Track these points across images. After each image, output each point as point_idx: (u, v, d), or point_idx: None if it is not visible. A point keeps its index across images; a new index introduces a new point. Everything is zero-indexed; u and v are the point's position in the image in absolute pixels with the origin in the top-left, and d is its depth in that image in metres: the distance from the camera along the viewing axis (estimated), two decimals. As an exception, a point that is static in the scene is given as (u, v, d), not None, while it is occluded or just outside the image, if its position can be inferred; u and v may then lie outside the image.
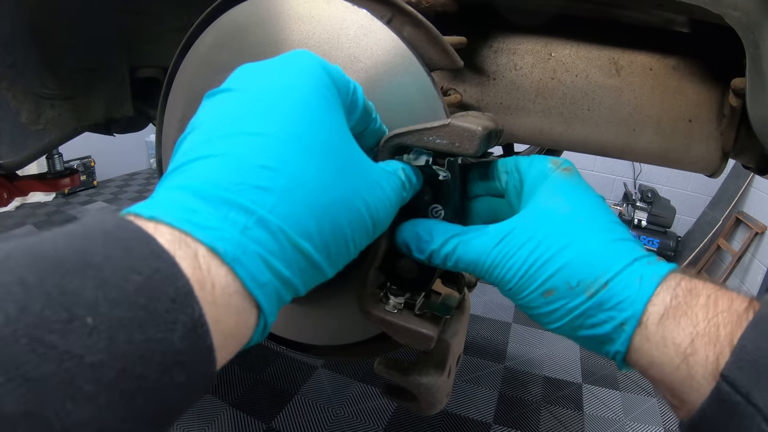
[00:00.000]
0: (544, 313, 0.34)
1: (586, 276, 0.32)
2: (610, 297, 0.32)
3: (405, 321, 0.40)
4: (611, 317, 0.32)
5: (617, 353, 0.33)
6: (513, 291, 0.35)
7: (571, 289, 0.33)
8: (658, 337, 0.31)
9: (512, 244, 0.35)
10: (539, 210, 0.36)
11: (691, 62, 0.69)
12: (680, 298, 0.31)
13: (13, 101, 0.96)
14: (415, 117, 0.45)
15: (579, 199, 0.36)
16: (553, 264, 0.33)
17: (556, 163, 0.39)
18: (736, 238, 2.97)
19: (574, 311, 0.33)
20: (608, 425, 1.72)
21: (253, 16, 0.52)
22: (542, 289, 0.33)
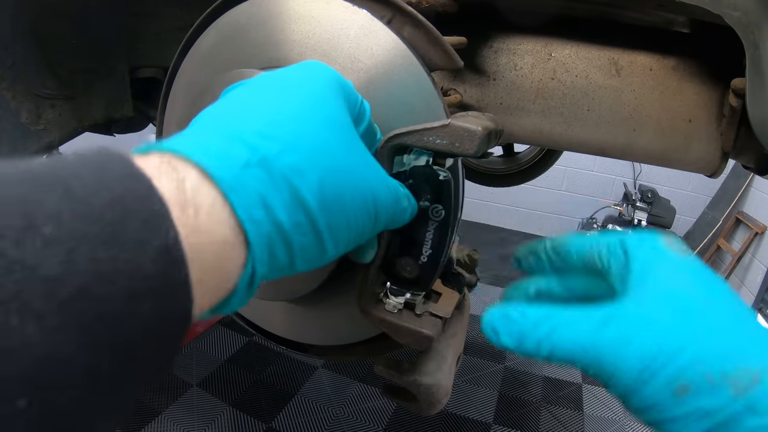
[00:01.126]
0: (673, 418, 0.26)
1: (731, 366, 0.25)
2: (761, 395, 0.25)
3: (405, 321, 0.40)
4: (763, 423, 0.24)
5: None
6: (631, 389, 0.27)
7: (713, 384, 0.25)
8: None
9: (626, 328, 0.28)
10: (658, 292, 0.29)
11: (691, 62, 0.69)
12: None
13: (13, 101, 0.96)
14: (415, 117, 0.45)
15: (707, 284, 0.30)
16: (684, 353, 0.26)
17: (670, 242, 0.33)
18: (736, 238, 2.97)
19: (719, 413, 0.25)
20: (608, 425, 1.72)
21: (253, 16, 0.52)
22: (673, 385, 0.26)
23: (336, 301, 0.54)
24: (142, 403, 1.66)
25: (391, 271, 0.41)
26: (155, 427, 1.57)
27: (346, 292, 0.52)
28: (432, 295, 0.45)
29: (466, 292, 0.48)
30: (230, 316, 0.67)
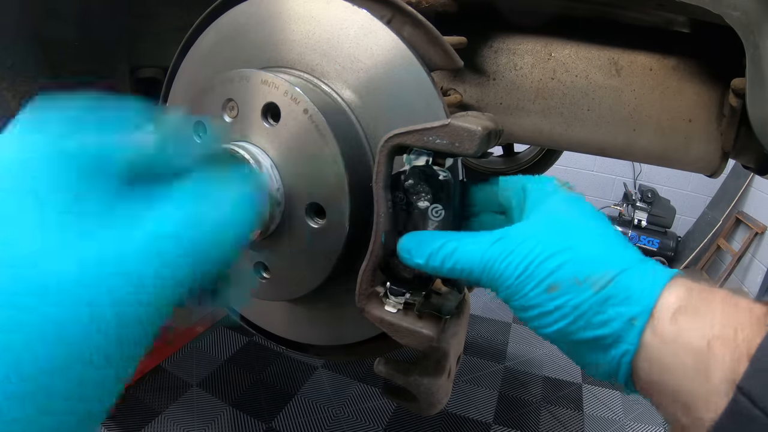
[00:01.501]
0: (545, 312, 0.31)
1: (595, 271, 0.31)
2: (619, 291, 0.30)
3: (405, 321, 0.40)
4: (620, 313, 0.29)
5: (625, 354, 0.30)
6: (511, 290, 0.33)
7: (579, 284, 0.30)
8: (671, 335, 0.28)
9: (511, 241, 0.33)
10: (544, 216, 0.35)
11: (691, 62, 0.69)
12: (695, 294, 0.29)
13: (13, 101, 0.96)
14: (415, 117, 0.45)
15: (585, 210, 0.35)
16: (557, 258, 0.31)
17: (561, 182, 0.39)
18: (736, 238, 2.97)
19: (581, 307, 0.30)
20: (608, 425, 1.72)
21: (253, 16, 0.52)
22: (545, 283, 0.31)
23: (336, 301, 0.54)
24: (142, 403, 1.66)
25: (390, 271, 0.41)
26: (155, 427, 1.57)
27: (346, 292, 0.52)
28: (432, 295, 0.45)
29: (466, 292, 0.48)
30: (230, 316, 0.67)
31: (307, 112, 0.43)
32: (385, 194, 0.39)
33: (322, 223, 0.46)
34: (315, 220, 0.46)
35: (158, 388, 1.75)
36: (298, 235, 0.47)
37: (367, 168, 0.46)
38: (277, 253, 0.50)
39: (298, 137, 0.44)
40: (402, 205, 0.39)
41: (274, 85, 0.45)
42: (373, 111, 0.47)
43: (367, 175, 0.45)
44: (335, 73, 0.48)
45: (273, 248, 0.49)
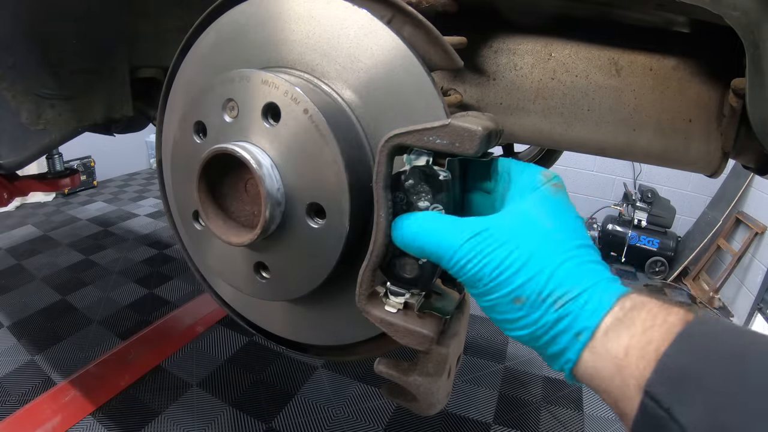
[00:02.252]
0: (509, 320, 0.35)
1: (557, 288, 0.33)
2: (572, 309, 0.33)
3: (405, 321, 0.40)
4: (569, 327, 0.33)
5: (567, 362, 0.34)
6: (480, 292, 0.35)
7: (542, 300, 0.33)
8: (601, 348, 0.32)
9: (488, 242, 0.35)
10: (522, 217, 0.36)
11: (691, 62, 0.69)
12: (626, 310, 0.32)
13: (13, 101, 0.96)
14: (415, 117, 0.45)
15: (562, 217, 0.37)
16: (527, 271, 0.34)
17: (547, 176, 0.39)
18: (736, 238, 2.97)
19: (540, 321, 0.34)
20: (608, 425, 1.72)
21: (253, 16, 0.52)
22: (513, 295, 0.34)
23: (336, 301, 0.54)
24: (142, 403, 1.66)
25: (391, 271, 0.41)
26: (155, 427, 1.57)
27: (346, 292, 0.52)
28: (432, 295, 0.45)
29: (466, 291, 0.48)
30: (230, 316, 0.67)
31: (307, 112, 0.43)
32: (386, 194, 0.39)
33: (322, 223, 0.46)
34: (315, 220, 0.46)
35: (158, 388, 1.74)
36: (298, 235, 0.47)
37: (367, 168, 0.46)
38: (277, 253, 0.50)
39: (298, 137, 0.44)
40: (402, 205, 0.39)
41: (274, 85, 0.44)
42: (374, 111, 0.47)
43: (367, 175, 0.45)
44: (335, 73, 0.48)
45: (273, 248, 0.49)
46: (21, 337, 1.98)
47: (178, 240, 0.69)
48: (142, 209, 3.62)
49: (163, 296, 2.35)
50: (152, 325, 2.09)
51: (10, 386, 1.70)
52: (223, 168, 0.49)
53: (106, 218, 3.40)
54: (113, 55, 1.11)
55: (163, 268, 2.65)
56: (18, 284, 2.39)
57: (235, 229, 0.50)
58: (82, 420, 1.57)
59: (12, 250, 2.79)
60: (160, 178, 0.68)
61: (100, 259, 2.71)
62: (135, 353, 1.90)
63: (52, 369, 1.80)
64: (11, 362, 1.82)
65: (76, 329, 2.05)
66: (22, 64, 0.95)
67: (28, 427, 1.52)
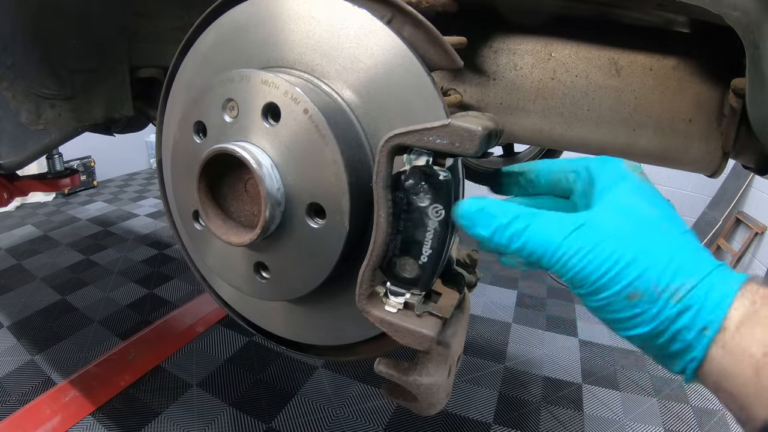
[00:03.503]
0: (624, 318, 0.32)
1: (674, 280, 0.31)
2: (694, 302, 0.31)
3: (405, 321, 0.40)
4: (694, 323, 0.31)
5: (692, 360, 0.31)
6: (590, 290, 0.32)
7: (659, 294, 0.31)
8: (733, 345, 0.30)
9: (591, 236, 0.32)
10: (619, 207, 0.34)
11: (691, 62, 0.69)
12: (758, 304, 0.30)
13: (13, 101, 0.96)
14: (415, 117, 0.45)
15: (660, 204, 0.35)
16: (638, 265, 0.31)
17: (631, 166, 0.37)
18: (736, 238, 2.97)
19: (659, 317, 0.31)
20: (608, 425, 1.72)
21: (253, 16, 0.52)
22: (627, 291, 0.31)
23: (336, 301, 0.54)
24: (142, 403, 1.66)
25: (391, 271, 0.41)
26: (155, 427, 1.57)
27: (346, 292, 0.52)
28: (432, 295, 0.45)
29: (466, 292, 0.48)
30: (230, 316, 0.67)
31: (307, 112, 0.43)
32: (386, 194, 0.38)
33: (322, 223, 0.46)
34: (315, 220, 0.46)
35: (158, 388, 1.75)
36: (298, 235, 0.47)
37: (367, 168, 0.46)
38: (277, 253, 0.50)
39: (298, 137, 0.44)
40: (402, 205, 0.39)
41: (274, 85, 0.44)
42: (374, 111, 0.47)
43: (367, 175, 0.45)
44: (335, 73, 0.48)
45: (273, 248, 0.49)
46: (21, 337, 1.98)
47: (178, 240, 0.69)
48: (142, 209, 3.62)
49: (163, 296, 2.35)
50: (152, 325, 2.09)
51: (10, 386, 1.70)
52: (223, 168, 0.49)
53: (106, 218, 3.40)
54: (113, 55, 1.11)
55: (163, 268, 2.65)
56: (18, 284, 2.40)
57: (235, 229, 0.50)
58: (82, 420, 1.57)
59: (12, 250, 2.79)
60: (160, 178, 0.68)
61: (100, 259, 2.71)
62: (135, 353, 1.90)
63: (52, 369, 1.80)
64: (11, 362, 1.82)
65: (76, 329, 2.05)
66: (21, 64, 0.95)
67: (28, 427, 1.52)
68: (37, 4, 0.92)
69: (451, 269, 0.47)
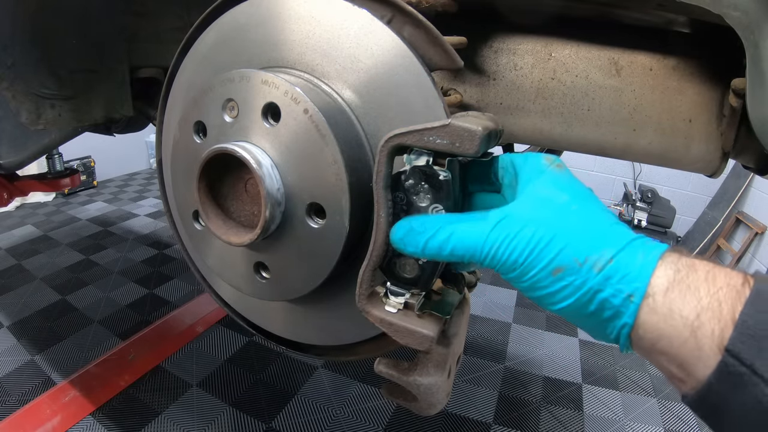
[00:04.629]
0: (552, 292, 0.35)
1: (592, 252, 0.34)
2: (616, 271, 0.33)
3: (405, 321, 0.40)
4: (619, 290, 0.33)
5: (624, 326, 0.34)
6: (518, 273, 0.35)
7: (580, 266, 0.34)
8: (665, 309, 0.32)
9: (512, 226, 0.35)
10: (537, 197, 0.37)
11: (691, 62, 0.69)
12: (682, 272, 0.33)
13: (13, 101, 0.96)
14: (415, 117, 0.45)
15: (574, 190, 0.38)
16: (557, 242, 0.34)
17: (549, 160, 0.41)
18: (736, 238, 2.97)
19: (584, 287, 0.34)
20: (608, 425, 1.72)
21: (253, 16, 0.52)
22: (551, 267, 0.34)
23: (336, 301, 0.54)
24: (142, 403, 1.66)
25: (391, 271, 0.41)
26: (155, 427, 1.57)
27: (346, 292, 0.52)
28: (432, 295, 0.45)
29: (466, 292, 0.48)
30: (230, 316, 0.67)
31: (307, 112, 0.43)
32: (386, 194, 0.39)
33: (322, 223, 0.46)
34: (315, 220, 0.46)
35: (158, 388, 1.75)
36: (298, 235, 0.47)
37: (367, 168, 0.46)
38: (277, 253, 0.50)
39: (298, 137, 0.44)
40: (402, 205, 0.39)
41: (274, 85, 0.45)
42: (374, 111, 0.47)
43: (367, 175, 0.45)
44: (335, 73, 0.48)
45: (273, 248, 0.49)
46: (21, 337, 1.98)
47: (178, 240, 0.69)
48: (142, 209, 3.62)
49: (163, 296, 2.35)
50: (152, 325, 2.09)
51: (10, 386, 1.70)
52: (223, 168, 0.49)
53: (106, 218, 3.40)
54: (113, 55, 1.11)
55: (163, 268, 2.65)
56: (18, 284, 2.39)
57: (235, 229, 0.50)
58: (82, 420, 1.57)
59: (12, 250, 2.79)
60: (160, 178, 0.68)
61: (100, 259, 2.71)
62: (135, 353, 1.90)
63: (52, 369, 1.80)
64: (11, 362, 1.82)
65: (76, 329, 2.05)
66: (21, 64, 0.95)
67: (28, 427, 1.52)
68: (37, 3, 0.92)
69: (451, 269, 0.47)
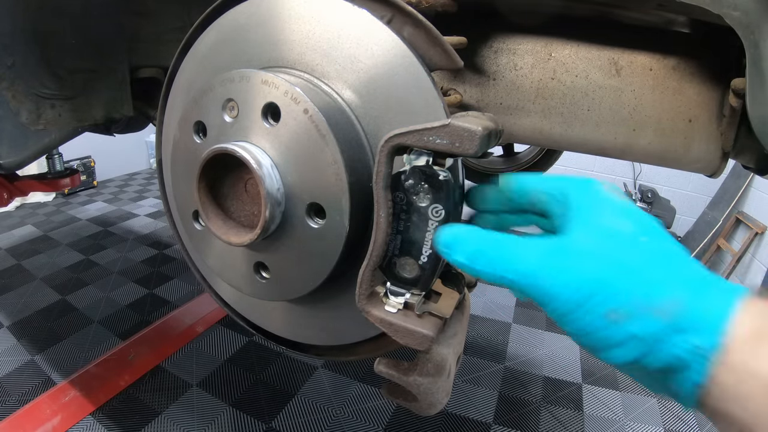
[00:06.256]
0: (603, 338, 0.29)
1: (658, 295, 0.28)
2: (687, 318, 0.28)
3: (405, 321, 0.40)
4: (689, 342, 0.27)
5: (691, 385, 0.28)
6: (567, 310, 0.30)
7: (641, 310, 0.28)
8: (741, 366, 0.27)
9: (565, 259, 0.31)
10: (597, 229, 0.32)
11: (691, 62, 0.69)
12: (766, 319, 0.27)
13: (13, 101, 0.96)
14: (415, 117, 0.45)
15: (641, 220, 0.33)
16: (618, 280, 0.29)
17: (608, 186, 0.36)
18: (736, 238, 2.97)
19: (644, 335, 0.28)
20: (608, 425, 1.72)
21: (254, 16, 0.52)
22: (604, 309, 0.29)
23: (336, 301, 0.54)
24: (142, 403, 1.66)
25: (391, 271, 0.41)
26: (155, 427, 1.57)
27: (346, 292, 0.52)
28: (432, 295, 0.45)
29: (466, 292, 0.48)
30: (230, 316, 0.67)
31: (307, 112, 0.43)
32: (385, 194, 0.39)
33: (322, 223, 0.46)
34: (315, 220, 0.46)
35: (158, 388, 1.75)
36: (298, 235, 0.47)
37: (367, 168, 0.46)
38: (277, 253, 0.50)
39: (298, 137, 0.44)
40: (402, 205, 0.39)
41: (274, 85, 0.44)
42: (374, 111, 0.47)
43: (367, 175, 0.45)
44: (335, 73, 0.48)
45: (273, 248, 0.49)
46: (21, 337, 1.98)
47: (178, 240, 0.69)
48: (142, 209, 3.62)
49: (163, 296, 2.35)
50: (152, 325, 2.09)
51: (10, 386, 1.70)
52: (223, 168, 0.49)
53: (106, 218, 3.40)
54: (113, 55, 1.11)
55: (163, 268, 2.65)
56: (18, 284, 2.40)
57: (235, 229, 0.50)
58: (82, 420, 1.57)
59: (12, 250, 2.79)
60: (160, 178, 0.68)
61: (100, 259, 2.71)
62: (135, 353, 1.90)
63: (52, 369, 1.80)
64: (11, 362, 1.82)
65: (76, 329, 2.05)
66: (21, 63, 0.95)
67: (28, 427, 1.52)
68: (37, 3, 0.92)
69: (451, 269, 0.47)
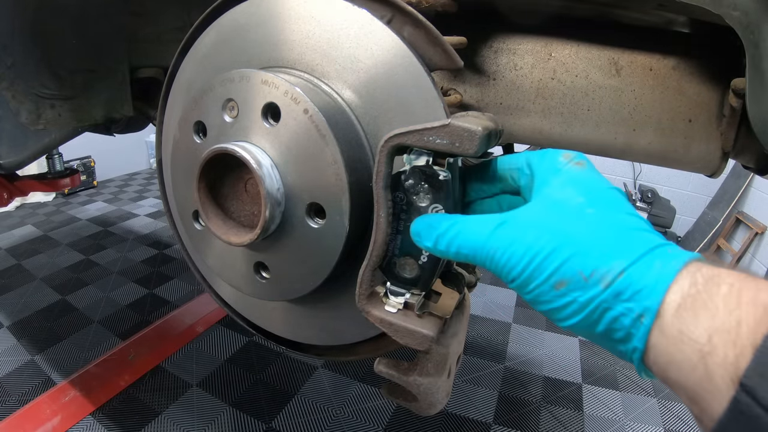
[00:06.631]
0: (556, 308, 0.31)
1: (601, 265, 0.29)
2: (627, 287, 0.29)
3: (405, 321, 0.40)
4: (629, 309, 0.29)
5: (635, 351, 0.29)
6: (519, 282, 0.32)
7: (585, 280, 0.29)
8: (674, 331, 0.27)
9: (513, 231, 0.32)
10: (547, 200, 0.33)
11: (691, 62, 0.69)
12: (699, 286, 0.27)
13: (13, 101, 0.96)
14: (415, 117, 0.45)
15: (592, 191, 0.33)
16: (562, 252, 0.30)
17: (567, 157, 0.37)
18: (736, 238, 2.97)
19: (590, 304, 0.29)
20: (608, 425, 1.72)
21: (253, 16, 0.52)
22: (552, 280, 0.30)
23: (336, 301, 0.54)
24: (142, 403, 1.66)
25: (391, 271, 0.41)
26: (155, 427, 1.57)
27: (346, 292, 0.52)
28: (432, 295, 0.45)
29: (466, 292, 0.48)
30: (230, 316, 0.67)
31: (307, 112, 0.43)
32: (385, 194, 0.39)
33: (322, 223, 0.46)
34: (315, 220, 0.46)
35: (158, 388, 1.75)
36: (298, 235, 0.47)
37: (367, 168, 0.46)
38: (277, 253, 0.50)
39: (298, 137, 0.44)
40: (402, 205, 0.39)
41: (274, 85, 0.45)
42: (373, 111, 0.47)
43: (367, 175, 0.45)
44: (335, 73, 0.48)
45: (273, 248, 0.49)
46: (21, 337, 1.98)
47: (178, 240, 0.69)
48: (142, 209, 3.62)
49: (163, 296, 2.35)
50: (152, 325, 2.09)
51: (10, 386, 1.70)
52: (223, 168, 0.49)
53: (106, 218, 3.40)
54: (113, 55, 1.11)
55: (163, 268, 2.65)
56: (18, 284, 2.39)
57: (235, 229, 0.50)
58: (82, 420, 1.57)
59: (12, 250, 2.79)
60: (160, 178, 0.68)
61: (100, 259, 2.71)
62: (135, 353, 1.90)
63: (52, 369, 1.80)
64: (11, 362, 1.82)
65: (76, 329, 2.05)
66: (21, 63, 0.95)
67: (28, 427, 1.52)
68: (36, 3, 0.92)
69: (451, 269, 0.47)
